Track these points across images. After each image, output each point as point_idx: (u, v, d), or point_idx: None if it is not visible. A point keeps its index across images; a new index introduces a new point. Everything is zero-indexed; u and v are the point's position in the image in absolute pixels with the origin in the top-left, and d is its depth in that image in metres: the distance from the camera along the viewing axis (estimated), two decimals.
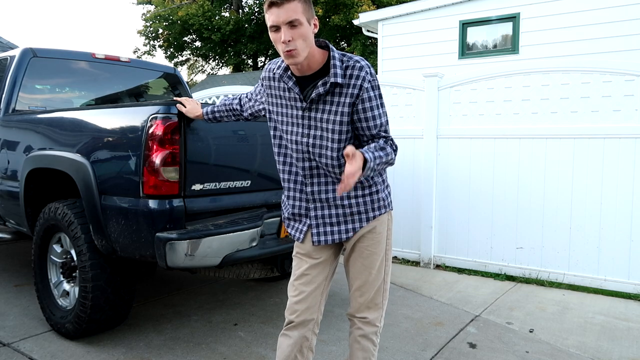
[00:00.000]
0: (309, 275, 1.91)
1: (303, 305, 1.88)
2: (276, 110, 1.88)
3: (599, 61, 4.01)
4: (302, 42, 1.64)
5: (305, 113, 1.80)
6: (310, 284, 1.90)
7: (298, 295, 1.90)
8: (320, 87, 1.73)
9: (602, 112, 3.95)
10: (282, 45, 1.64)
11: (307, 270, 1.91)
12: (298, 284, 1.91)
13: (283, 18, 1.61)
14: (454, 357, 2.82)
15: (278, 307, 3.53)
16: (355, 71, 1.71)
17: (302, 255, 1.94)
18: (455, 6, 7.95)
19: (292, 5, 1.61)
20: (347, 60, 1.73)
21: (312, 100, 1.76)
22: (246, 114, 2.15)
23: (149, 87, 4.55)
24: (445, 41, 8.03)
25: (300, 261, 1.94)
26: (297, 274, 1.93)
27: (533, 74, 4.22)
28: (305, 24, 1.64)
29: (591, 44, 6.87)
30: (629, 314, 3.53)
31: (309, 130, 1.80)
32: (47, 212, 2.97)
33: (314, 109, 1.78)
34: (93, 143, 2.72)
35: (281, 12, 1.61)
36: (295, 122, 1.83)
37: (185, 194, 2.46)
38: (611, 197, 3.92)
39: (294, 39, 1.62)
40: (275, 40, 1.67)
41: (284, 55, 1.67)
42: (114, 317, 2.87)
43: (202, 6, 23.26)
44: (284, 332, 1.91)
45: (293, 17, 1.60)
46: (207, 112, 2.27)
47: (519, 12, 7.49)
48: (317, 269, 1.92)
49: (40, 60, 3.72)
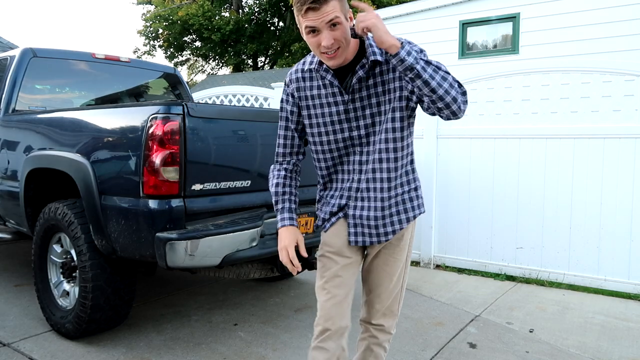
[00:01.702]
0: (342, 277, 1.75)
1: (338, 310, 1.72)
2: (314, 112, 1.74)
3: (599, 61, 4.01)
4: (344, 40, 1.55)
5: (350, 105, 1.68)
6: (343, 286, 1.74)
7: (331, 299, 1.72)
8: (360, 70, 1.62)
9: (602, 112, 3.95)
10: (323, 48, 1.54)
11: (339, 272, 1.75)
12: (330, 286, 1.74)
13: (322, 19, 1.50)
14: (454, 357, 2.82)
15: (278, 307, 3.53)
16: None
17: (332, 254, 1.77)
18: (455, 6, 7.94)
19: (330, 4, 1.50)
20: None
21: (354, 89, 1.66)
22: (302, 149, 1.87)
23: (149, 87, 4.55)
24: (445, 41, 8.03)
25: (330, 261, 1.77)
26: (328, 276, 1.76)
27: (533, 74, 4.22)
28: (344, 20, 1.54)
29: (591, 44, 6.87)
30: (629, 314, 3.53)
31: (357, 121, 1.69)
32: (47, 212, 2.97)
33: (359, 98, 1.67)
34: (93, 143, 2.72)
35: (320, 15, 1.49)
36: (338, 118, 1.70)
37: (185, 194, 2.46)
38: (611, 197, 3.92)
39: (336, 39, 1.53)
40: (313, 44, 1.55)
41: (325, 59, 1.58)
42: (114, 317, 2.87)
43: (202, 6, 23.25)
44: (317, 344, 1.71)
45: (333, 16, 1.50)
46: (294, 214, 1.83)
47: (519, 12, 7.49)
48: (349, 271, 1.77)
49: (40, 60, 3.72)
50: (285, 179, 1.83)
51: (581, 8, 7.00)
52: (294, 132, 1.83)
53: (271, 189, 1.83)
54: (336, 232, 1.78)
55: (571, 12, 7.06)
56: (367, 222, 1.73)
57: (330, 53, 1.55)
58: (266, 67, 27.86)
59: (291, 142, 1.84)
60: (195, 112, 2.47)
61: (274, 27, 26.66)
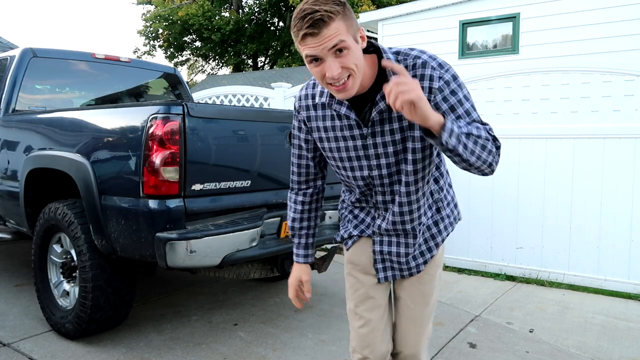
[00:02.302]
0: (374, 298, 1.57)
1: (375, 335, 1.55)
2: (328, 146, 1.50)
3: (599, 61, 4.01)
4: (355, 67, 1.26)
5: (369, 140, 1.42)
6: (377, 308, 1.57)
7: (366, 325, 1.55)
8: (382, 102, 1.36)
9: (602, 112, 3.95)
10: (329, 79, 1.27)
11: (369, 292, 1.57)
12: (363, 311, 1.57)
13: (324, 46, 1.21)
14: (454, 357, 2.82)
15: (278, 307, 3.53)
16: (418, 71, 1.33)
17: (359, 273, 1.59)
18: (455, 6, 7.94)
19: (332, 27, 1.20)
20: (404, 59, 1.35)
21: (373, 122, 1.39)
22: (323, 173, 1.66)
23: (149, 87, 4.55)
24: (445, 41, 8.02)
25: (357, 282, 1.59)
26: (358, 299, 1.58)
27: (533, 74, 4.22)
28: (353, 43, 1.25)
29: (591, 44, 6.86)
30: (629, 314, 3.53)
31: (378, 159, 1.44)
32: (47, 212, 2.97)
33: (379, 132, 1.40)
34: (93, 143, 2.72)
35: (320, 41, 1.21)
36: (356, 154, 1.45)
37: (185, 194, 2.46)
38: (611, 197, 3.92)
39: (344, 67, 1.24)
40: (317, 74, 1.28)
41: (334, 91, 1.30)
42: (114, 317, 2.87)
43: (202, 6, 23.26)
44: None
45: (337, 41, 1.21)
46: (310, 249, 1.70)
47: (519, 12, 7.49)
48: (379, 289, 1.58)
49: (40, 60, 3.72)
50: (303, 213, 1.65)
51: (581, 8, 7.00)
52: (309, 160, 1.60)
53: (289, 222, 1.69)
54: (360, 249, 1.61)
55: (571, 12, 7.06)
56: (396, 258, 1.56)
57: (338, 84, 1.27)
58: (266, 67, 27.87)
59: (306, 170, 1.62)
60: (195, 112, 2.47)
61: (274, 27, 26.66)
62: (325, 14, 1.19)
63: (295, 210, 1.66)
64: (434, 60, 1.34)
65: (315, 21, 1.19)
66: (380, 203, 1.52)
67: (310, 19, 1.19)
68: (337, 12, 1.21)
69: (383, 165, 1.44)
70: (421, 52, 1.36)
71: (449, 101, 1.33)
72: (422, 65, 1.33)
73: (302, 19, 1.20)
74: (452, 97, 1.33)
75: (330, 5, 1.21)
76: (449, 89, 1.33)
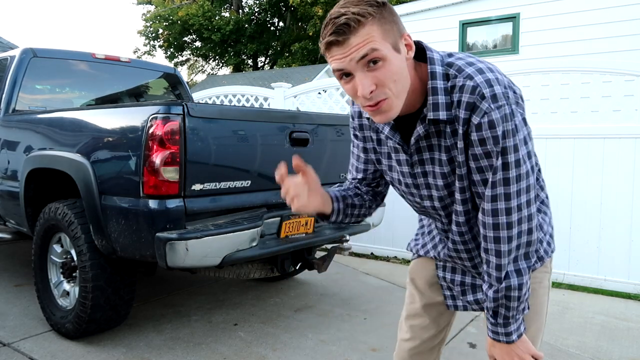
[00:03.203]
0: (424, 317, 1.42)
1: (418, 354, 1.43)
2: (382, 160, 1.31)
3: (598, 61, 4.01)
4: (393, 84, 1.01)
5: (416, 169, 1.21)
6: (426, 329, 1.41)
7: (410, 341, 1.43)
8: (419, 126, 1.13)
9: (602, 112, 3.95)
10: (361, 100, 1.03)
11: (421, 311, 1.42)
12: (410, 325, 1.44)
13: (351, 57, 0.99)
14: (454, 357, 2.82)
15: (278, 307, 3.53)
16: (462, 96, 1.05)
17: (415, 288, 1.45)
18: (455, 6, 7.95)
19: (360, 33, 0.97)
20: (454, 76, 1.07)
21: (412, 151, 1.18)
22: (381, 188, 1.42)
23: (149, 87, 4.55)
24: (445, 41, 8.03)
25: (412, 294, 1.46)
26: (410, 312, 1.45)
27: (533, 74, 4.22)
28: (391, 53, 1.00)
29: (591, 44, 6.87)
30: (628, 314, 3.53)
31: (429, 190, 1.23)
32: (47, 212, 2.97)
33: (427, 159, 1.18)
34: (93, 143, 2.72)
35: (347, 50, 0.98)
36: (405, 181, 1.26)
37: (185, 194, 2.46)
38: (611, 197, 3.92)
39: (379, 84, 1.00)
40: (350, 91, 1.05)
41: (369, 112, 1.06)
42: (114, 317, 2.87)
43: (202, 6, 23.28)
44: None
45: (367, 50, 0.98)
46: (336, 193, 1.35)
47: (519, 12, 7.49)
48: (433, 311, 1.42)
49: (41, 60, 3.72)
50: (349, 191, 1.37)
51: (581, 8, 7.01)
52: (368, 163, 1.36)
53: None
54: (422, 265, 1.45)
55: (571, 12, 7.07)
56: (460, 288, 1.38)
57: (373, 106, 1.03)
58: (266, 67, 27.88)
59: (364, 166, 1.37)
60: (196, 112, 2.47)
61: (274, 27, 26.68)
62: (352, 17, 0.97)
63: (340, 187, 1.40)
64: (490, 87, 1.03)
65: (339, 27, 0.97)
66: (440, 229, 1.33)
67: (334, 24, 0.98)
68: (368, 15, 0.98)
69: (435, 197, 1.23)
70: (477, 71, 1.05)
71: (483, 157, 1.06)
72: (470, 90, 1.04)
73: (327, 26, 1.00)
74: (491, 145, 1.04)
75: (361, 7, 0.98)
76: (491, 134, 1.04)
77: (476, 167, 1.09)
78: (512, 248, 1.10)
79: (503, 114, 1.04)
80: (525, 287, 1.10)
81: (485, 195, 1.09)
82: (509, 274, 1.11)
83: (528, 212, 1.09)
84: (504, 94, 1.04)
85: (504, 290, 1.10)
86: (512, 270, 1.11)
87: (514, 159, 1.06)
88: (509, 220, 1.08)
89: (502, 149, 1.04)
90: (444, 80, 1.07)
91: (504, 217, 1.08)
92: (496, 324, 1.14)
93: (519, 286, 1.10)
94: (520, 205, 1.08)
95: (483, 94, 1.03)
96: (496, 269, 1.12)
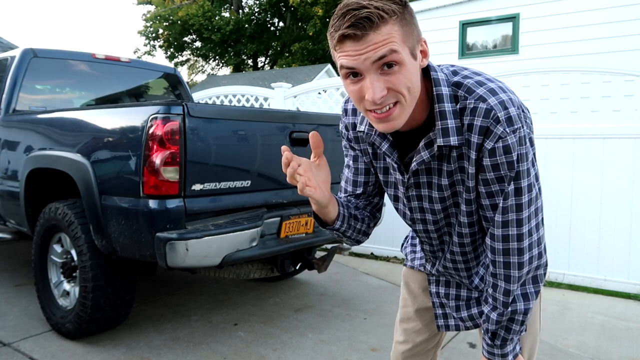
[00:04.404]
0: (417, 322, 1.41)
1: (416, 359, 1.44)
2: (381, 178, 1.23)
3: (598, 61, 4.01)
4: (407, 91, 0.93)
5: (411, 192, 1.14)
6: (422, 332, 1.41)
7: (406, 343, 1.42)
8: (424, 151, 1.05)
9: (602, 112, 3.95)
10: (368, 104, 0.94)
11: (414, 315, 1.41)
12: (404, 329, 1.43)
13: (367, 55, 0.89)
14: (454, 357, 2.82)
15: (278, 307, 3.53)
16: (475, 119, 0.98)
17: (408, 293, 1.43)
18: (455, 6, 7.95)
19: (382, 31, 0.88)
20: (463, 98, 0.99)
21: (417, 171, 1.10)
22: (377, 200, 1.32)
23: (149, 88, 4.56)
24: (445, 41, 8.03)
25: (405, 298, 1.45)
26: (403, 316, 1.44)
27: (533, 74, 4.22)
28: (408, 58, 0.92)
29: (591, 44, 6.87)
30: (628, 314, 3.53)
31: (424, 214, 1.17)
32: (48, 212, 2.97)
33: (424, 183, 1.11)
34: (93, 143, 2.72)
35: (363, 47, 0.89)
36: (401, 197, 1.19)
37: (185, 194, 2.46)
38: (611, 197, 3.92)
39: (391, 90, 0.92)
40: (354, 94, 0.95)
41: (374, 119, 0.97)
42: (114, 317, 2.87)
43: (202, 6, 23.29)
44: None
45: (386, 51, 0.89)
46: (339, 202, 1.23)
47: (519, 12, 7.49)
48: (428, 316, 1.40)
49: (41, 60, 3.72)
50: (349, 203, 1.27)
51: (581, 8, 7.01)
52: (369, 174, 1.26)
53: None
54: (415, 275, 1.43)
55: (571, 12, 7.07)
56: (454, 302, 1.32)
57: (380, 112, 0.94)
58: (266, 67, 27.89)
59: (365, 179, 1.26)
60: (196, 112, 2.47)
61: (274, 27, 26.68)
62: (375, 12, 0.87)
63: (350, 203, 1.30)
64: (504, 109, 0.96)
65: (360, 19, 0.87)
66: (428, 252, 1.29)
67: (354, 16, 0.87)
68: (392, 12, 0.89)
69: (429, 221, 1.17)
70: (490, 92, 0.97)
71: (495, 182, 1.01)
72: (484, 113, 0.97)
73: (343, 17, 0.89)
74: (505, 170, 0.99)
75: (385, 2, 0.89)
76: (506, 159, 0.98)
77: (486, 192, 1.04)
78: (522, 274, 1.07)
79: (518, 138, 0.98)
80: (530, 312, 1.08)
81: (495, 221, 1.04)
82: (516, 298, 1.08)
83: (537, 236, 1.06)
84: (518, 115, 0.98)
85: (510, 314, 1.08)
86: (519, 295, 1.08)
87: (526, 183, 1.01)
88: (520, 246, 1.04)
89: (515, 174, 0.99)
90: (452, 102, 1.00)
91: (515, 243, 1.04)
92: (493, 345, 1.12)
93: (524, 311, 1.08)
94: (531, 230, 1.05)
95: (498, 117, 0.96)
96: (504, 293, 1.08)
